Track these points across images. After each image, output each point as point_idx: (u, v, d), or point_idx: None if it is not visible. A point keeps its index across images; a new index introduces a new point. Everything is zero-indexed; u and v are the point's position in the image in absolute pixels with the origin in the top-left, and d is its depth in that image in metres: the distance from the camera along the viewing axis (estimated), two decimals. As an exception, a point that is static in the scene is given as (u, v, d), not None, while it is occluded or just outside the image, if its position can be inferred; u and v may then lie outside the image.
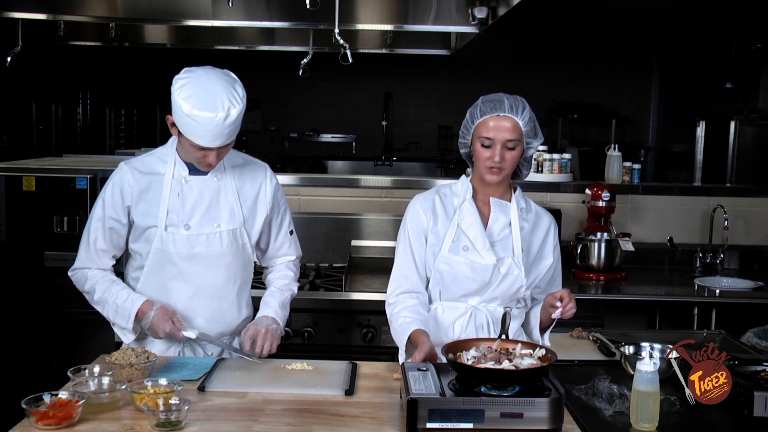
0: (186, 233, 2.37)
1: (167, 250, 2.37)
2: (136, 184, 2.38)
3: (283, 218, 2.58)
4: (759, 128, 6.61)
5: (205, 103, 2.19)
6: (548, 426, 1.82)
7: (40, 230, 3.59)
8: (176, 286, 2.41)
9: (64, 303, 3.58)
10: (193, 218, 2.38)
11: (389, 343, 3.38)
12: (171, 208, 2.36)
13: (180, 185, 2.38)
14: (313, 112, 9.14)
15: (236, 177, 2.46)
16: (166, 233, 2.36)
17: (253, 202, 2.48)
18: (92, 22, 4.52)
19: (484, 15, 3.87)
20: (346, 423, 1.93)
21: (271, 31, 5.05)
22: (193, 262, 2.39)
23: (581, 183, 4.22)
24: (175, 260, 2.39)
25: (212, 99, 2.20)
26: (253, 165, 2.53)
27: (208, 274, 2.42)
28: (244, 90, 2.29)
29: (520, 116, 2.27)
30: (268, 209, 2.50)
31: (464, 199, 2.38)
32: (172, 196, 2.37)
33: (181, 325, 2.35)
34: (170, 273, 2.40)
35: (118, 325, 2.42)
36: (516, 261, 2.32)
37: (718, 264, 4.09)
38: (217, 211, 2.41)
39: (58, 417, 1.84)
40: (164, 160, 2.41)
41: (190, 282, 2.41)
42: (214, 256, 2.40)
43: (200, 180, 2.39)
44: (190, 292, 2.42)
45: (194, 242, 2.38)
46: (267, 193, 2.50)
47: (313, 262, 4.02)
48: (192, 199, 2.38)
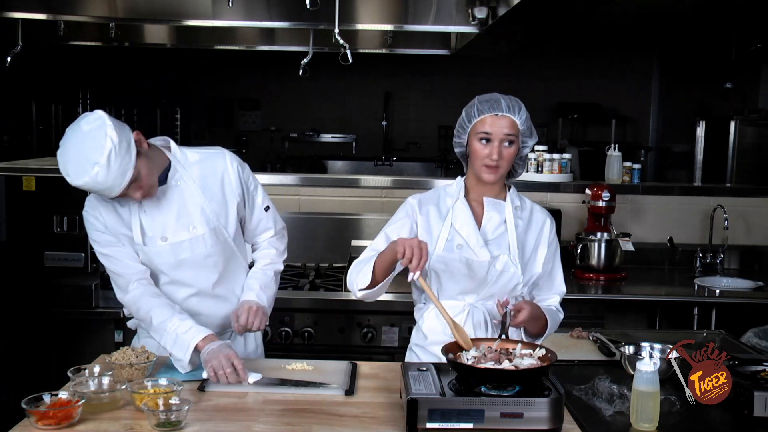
0: (165, 244, 2.36)
1: (153, 262, 2.38)
2: (101, 207, 2.36)
3: (254, 197, 2.53)
4: (759, 128, 6.61)
5: (71, 170, 2.18)
6: (548, 426, 1.82)
7: (40, 230, 3.58)
8: (171, 290, 2.43)
9: (64, 303, 3.58)
10: (167, 229, 2.36)
11: (389, 343, 3.39)
12: (143, 224, 2.35)
13: (144, 203, 2.34)
14: (313, 112, 9.13)
15: (196, 176, 2.41)
16: (147, 248, 2.36)
17: (221, 194, 2.43)
18: (92, 22, 4.51)
19: (484, 15, 3.87)
20: (346, 423, 1.93)
21: (271, 31, 5.04)
22: (181, 268, 2.40)
23: (581, 183, 4.22)
24: (164, 270, 2.40)
25: (75, 165, 2.17)
26: (209, 157, 2.46)
27: (199, 277, 2.43)
28: (103, 126, 2.15)
29: (517, 115, 2.29)
30: (237, 196, 2.46)
31: (457, 199, 2.38)
32: (141, 213, 2.35)
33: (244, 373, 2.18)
34: (163, 281, 2.42)
35: (174, 356, 2.30)
36: (512, 258, 2.32)
37: (718, 264, 4.09)
38: (188, 216, 2.38)
39: (58, 417, 1.84)
40: None
41: (184, 285, 2.43)
42: (200, 258, 2.40)
43: (162, 191, 2.35)
44: (186, 294, 2.44)
45: (177, 250, 2.37)
46: (231, 179, 2.45)
47: (313, 262, 4.02)
48: (159, 211, 2.36)
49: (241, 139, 8.99)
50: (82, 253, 3.56)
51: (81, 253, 3.56)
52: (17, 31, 4.24)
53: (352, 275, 2.33)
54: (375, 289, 2.29)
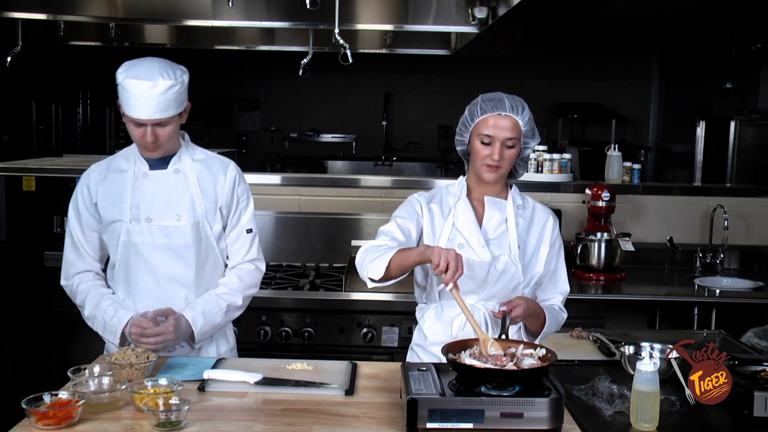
0: (147, 225, 2.43)
1: (133, 240, 2.44)
2: (100, 180, 2.49)
3: (241, 214, 2.55)
4: (759, 128, 6.60)
5: (136, 73, 2.32)
6: (548, 426, 1.82)
7: (40, 230, 3.58)
8: (143, 276, 2.47)
9: (64, 303, 3.55)
10: (153, 211, 2.44)
11: (389, 343, 3.39)
12: (133, 203, 2.44)
13: (140, 180, 2.45)
14: (313, 112, 9.14)
15: (197, 171, 2.50)
16: (131, 225, 2.43)
17: (213, 194, 2.50)
18: (92, 22, 4.51)
19: (484, 15, 3.87)
20: (346, 423, 1.92)
21: (271, 31, 5.04)
22: (158, 252, 2.45)
23: (581, 183, 4.22)
24: (142, 250, 2.44)
25: (144, 70, 2.32)
26: (214, 159, 2.57)
27: (173, 266, 2.46)
28: (185, 74, 2.40)
29: (520, 116, 2.28)
30: (222, 201, 2.51)
31: (459, 198, 2.38)
32: (134, 191, 2.45)
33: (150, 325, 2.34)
34: (137, 264, 2.46)
35: (108, 340, 2.48)
36: (513, 258, 2.31)
37: (718, 264, 4.10)
38: (177, 204, 2.45)
39: (58, 417, 1.84)
40: (128, 158, 2.50)
41: (156, 273, 2.46)
42: (178, 248, 2.45)
43: (160, 174, 2.46)
44: (156, 283, 2.47)
45: (156, 233, 2.44)
46: (224, 185, 2.51)
47: (313, 262, 4.02)
48: (151, 192, 2.45)
49: (241, 139, 8.99)
50: (82, 253, 3.56)
51: (81, 253, 3.56)
52: (17, 31, 4.23)
53: (365, 261, 2.24)
54: (386, 284, 2.26)
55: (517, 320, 2.21)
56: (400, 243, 2.31)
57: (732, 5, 5.86)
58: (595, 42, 8.47)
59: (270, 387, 2.14)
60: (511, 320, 2.18)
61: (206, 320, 2.45)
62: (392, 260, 2.17)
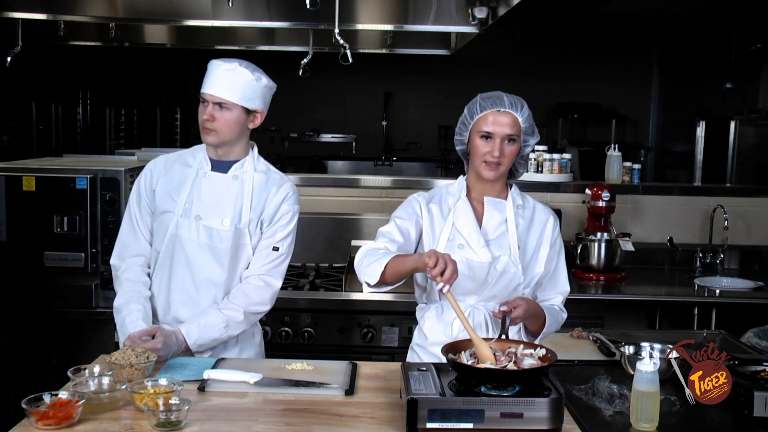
0: (195, 223, 2.48)
1: (180, 235, 2.49)
2: (164, 169, 2.57)
3: (277, 231, 2.56)
4: (759, 128, 6.60)
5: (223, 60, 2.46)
6: (548, 426, 1.82)
7: (40, 230, 3.58)
8: (182, 272, 2.51)
9: (64, 303, 3.57)
10: (203, 210, 2.49)
11: (389, 343, 3.39)
12: (188, 198, 2.50)
13: (199, 178, 2.51)
14: (313, 112, 9.13)
15: (255, 181, 2.55)
16: (180, 219, 2.49)
17: (260, 206, 2.54)
18: (92, 22, 4.52)
19: (484, 15, 3.87)
20: (346, 423, 1.92)
21: (271, 31, 5.05)
22: (200, 251, 2.49)
23: (581, 183, 4.22)
24: (186, 246, 2.49)
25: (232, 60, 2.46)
26: (275, 174, 2.62)
27: (210, 266, 2.50)
28: (268, 80, 2.51)
29: (519, 112, 2.28)
30: (266, 214, 2.54)
31: (459, 198, 2.38)
32: (192, 188, 2.51)
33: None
34: (179, 258, 2.50)
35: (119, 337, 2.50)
36: (513, 259, 2.31)
37: (718, 264, 4.10)
38: (225, 209, 2.50)
39: (58, 417, 1.84)
40: (195, 155, 2.58)
41: (194, 270, 2.50)
42: (219, 250, 2.49)
43: (219, 177, 2.52)
44: (192, 280, 2.50)
45: (201, 232, 2.48)
46: (272, 200, 2.55)
47: (313, 262, 4.02)
48: (206, 192, 2.51)
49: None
50: (82, 253, 3.56)
51: (81, 253, 3.56)
52: (17, 31, 4.24)
53: (363, 264, 2.24)
54: (383, 289, 2.26)
55: (517, 321, 2.21)
56: (399, 244, 2.31)
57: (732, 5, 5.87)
58: (595, 42, 8.48)
59: (270, 387, 2.14)
60: (511, 321, 2.17)
61: (202, 333, 2.44)
62: (388, 265, 2.16)
